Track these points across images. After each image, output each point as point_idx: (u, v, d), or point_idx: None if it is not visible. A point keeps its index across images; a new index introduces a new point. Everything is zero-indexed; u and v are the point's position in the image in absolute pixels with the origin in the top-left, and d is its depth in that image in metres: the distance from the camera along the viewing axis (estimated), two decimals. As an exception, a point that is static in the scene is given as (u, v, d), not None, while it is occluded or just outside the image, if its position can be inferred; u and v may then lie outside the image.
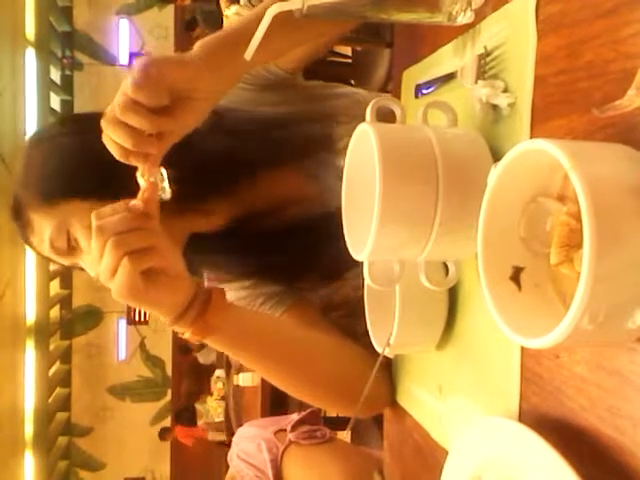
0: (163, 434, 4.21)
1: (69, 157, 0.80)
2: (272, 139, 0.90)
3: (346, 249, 0.60)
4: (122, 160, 0.62)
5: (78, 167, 0.79)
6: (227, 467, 1.17)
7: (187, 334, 0.68)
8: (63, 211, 0.78)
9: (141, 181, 0.63)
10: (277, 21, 0.59)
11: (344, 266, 0.74)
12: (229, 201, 0.87)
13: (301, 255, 0.90)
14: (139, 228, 0.62)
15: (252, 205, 0.89)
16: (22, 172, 0.85)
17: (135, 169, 0.63)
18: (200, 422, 3.99)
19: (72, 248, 0.80)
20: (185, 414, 4.14)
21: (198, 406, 4.04)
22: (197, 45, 0.67)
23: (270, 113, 0.92)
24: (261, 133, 0.89)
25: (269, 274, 0.92)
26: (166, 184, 0.63)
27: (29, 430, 3.38)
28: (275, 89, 0.93)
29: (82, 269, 0.83)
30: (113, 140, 0.61)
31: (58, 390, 4.01)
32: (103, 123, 0.61)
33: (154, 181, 0.62)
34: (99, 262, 0.62)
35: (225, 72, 0.67)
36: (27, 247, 0.86)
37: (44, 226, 0.80)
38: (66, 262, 0.82)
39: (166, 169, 0.64)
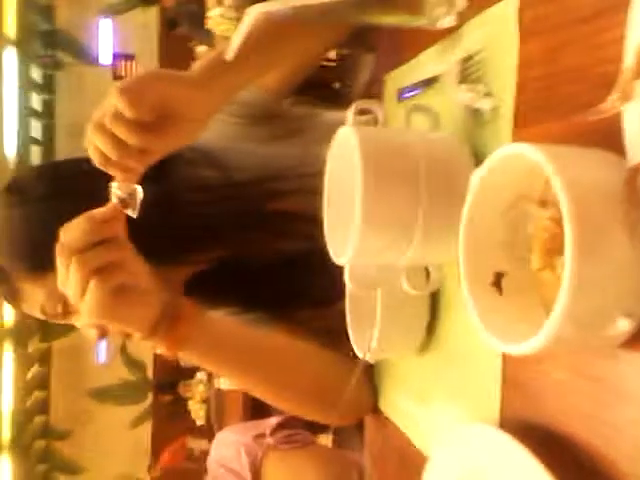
0: (150, 468, 4.16)
1: (57, 224, 0.67)
2: (265, 190, 0.88)
3: (339, 279, 0.59)
4: (101, 167, 0.61)
5: None
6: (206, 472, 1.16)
7: (161, 349, 0.66)
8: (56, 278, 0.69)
9: (113, 193, 0.61)
10: (262, 31, 0.59)
11: (336, 296, 0.73)
12: (221, 245, 0.87)
13: (294, 286, 0.89)
14: (103, 241, 0.60)
15: (244, 243, 0.88)
16: (3, 238, 0.79)
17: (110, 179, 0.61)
18: (180, 386, 3.97)
19: (67, 312, 0.77)
20: (167, 385, 4.11)
21: (182, 380, 4.02)
22: (195, 64, 0.66)
23: (261, 156, 0.90)
24: (255, 184, 0.88)
25: (260, 305, 0.90)
26: (138, 202, 0.61)
27: (6, 434, 3.33)
28: (262, 122, 0.92)
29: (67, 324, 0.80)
30: (96, 146, 0.60)
31: (36, 393, 3.96)
32: (89, 128, 0.60)
33: (123, 196, 0.61)
34: (66, 283, 0.60)
35: (217, 92, 0.66)
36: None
37: (36, 294, 0.77)
38: (56, 321, 0.80)
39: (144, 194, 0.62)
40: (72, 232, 0.59)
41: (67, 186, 0.78)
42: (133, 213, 0.62)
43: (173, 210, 0.79)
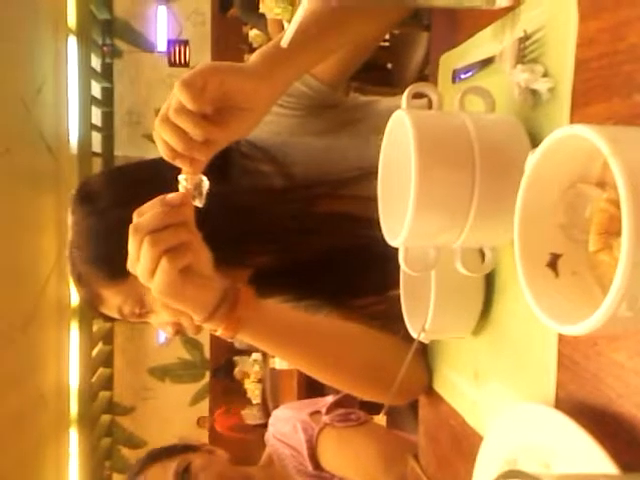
0: (201, 422, 4.28)
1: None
2: (322, 188, 0.89)
3: (395, 269, 0.59)
4: (168, 160, 0.63)
5: None
6: (264, 447, 1.20)
7: (219, 331, 0.69)
8: (135, 282, 0.68)
9: (181, 185, 0.64)
10: (318, 17, 0.59)
11: (391, 285, 0.74)
12: (279, 243, 0.89)
13: (349, 278, 0.90)
14: (174, 224, 0.62)
15: (301, 242, 0.90)
16: (79, 246, 0.84)
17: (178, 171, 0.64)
18: (236, 371, 4.05)
19: (144, 313, 0.82)
20: (223, 368, 4.21)
21: (236, 358, 4.10)
22: (254, 55, 0.68)
23: (317, 149, 0.91)
24: (311, 179, 0.89)
25: (316, 295, 0.92)
26: (204, 192, 0.64)
27: (74, 408, 3.49)
28: (318, 114, 0.92)
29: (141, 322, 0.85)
30: (163, 139, 0.62)
31: (101, 370, 4.13)
32: (156, 122, 0.63)
33: (190, 187, 0.64)
34: (137, 262, 0.63)
35: (277, 81, 0.67)
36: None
37: (113, 298, 0.82)
38: (133, 321, 0.85)
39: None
40: (146, 214, 0.63)
41: (136, 193, 0.79)
42: (200, 203, 0.65)
43: (232, 207, 0.82)
